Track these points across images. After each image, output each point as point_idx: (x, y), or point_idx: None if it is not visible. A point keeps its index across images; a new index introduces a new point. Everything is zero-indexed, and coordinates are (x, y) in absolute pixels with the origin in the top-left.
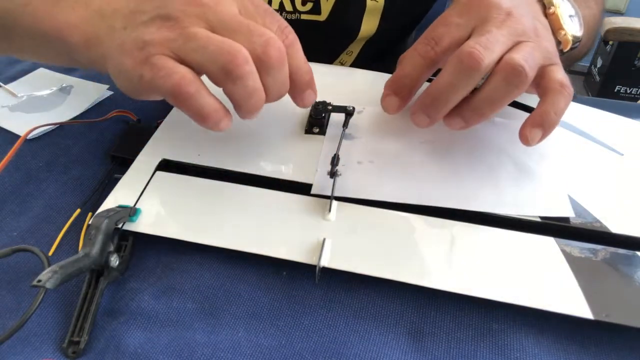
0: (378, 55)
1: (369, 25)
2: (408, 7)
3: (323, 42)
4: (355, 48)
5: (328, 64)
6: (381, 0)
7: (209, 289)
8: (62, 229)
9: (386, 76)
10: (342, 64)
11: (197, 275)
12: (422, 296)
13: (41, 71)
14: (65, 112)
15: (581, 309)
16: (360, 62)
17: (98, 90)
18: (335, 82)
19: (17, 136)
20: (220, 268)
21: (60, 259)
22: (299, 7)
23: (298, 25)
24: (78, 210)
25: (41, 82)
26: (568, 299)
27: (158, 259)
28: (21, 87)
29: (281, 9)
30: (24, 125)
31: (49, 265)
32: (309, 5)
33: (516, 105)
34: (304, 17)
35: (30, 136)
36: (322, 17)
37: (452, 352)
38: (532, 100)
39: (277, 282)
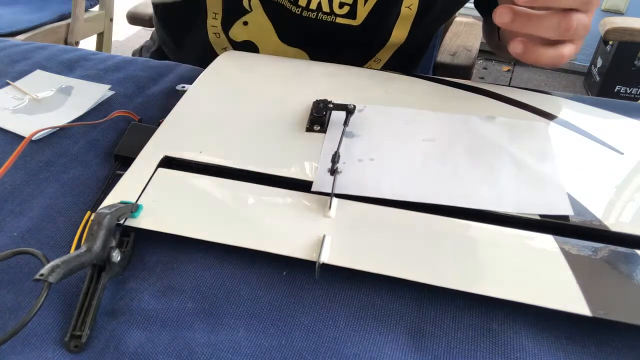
0: (404, 64)
1: (400, 32)
2: (439, 15)
3: (354, 46)
4: (384, 56)
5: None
6: (414, 7)
7: (209, 289)
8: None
9: (387, 75)
10: None
11: (197, 275)
12: (423, 296)
13: (39, 72)
14: (67, 112)
15: (579, 306)
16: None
17: (100, 91)
18: (337, 80)
19: (18, 137)
20: (220, 268)
21: None
22: (335, 9)
23: (332, 28)
24: (89, 213)
25: (40, 83)
26: (566, 296)
27: (158, 258)
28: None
29: (318, 9)
30: (25, 126)
31: None
32: (346, 9)
33: (518, 104)
34: (339, 20)
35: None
36: (357, 21)
37: (452, 352)
38: (533, 100)
39: (277, 281)
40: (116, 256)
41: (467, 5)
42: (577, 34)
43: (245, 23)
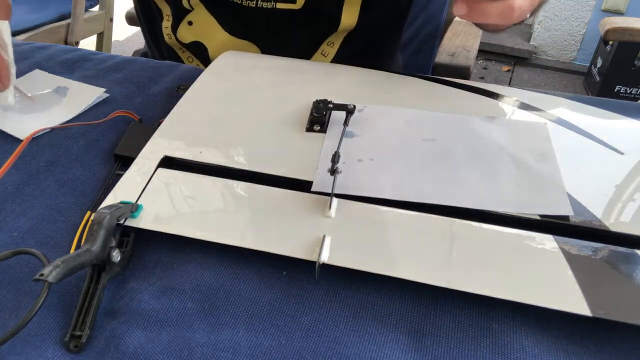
0: (362, 51)
1: (350, 16)
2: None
3: (301, 31)
4: (336, 39)
5: (309, 53)
6: None
7: (209, 288)
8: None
9: (387, 75)
10: (323, 55)
11: (197, 275)
12: (423, 296)
13: (37, 72)
14: (62, 113)
15: (579, 306)
16: (343, 56)
17: (94, 93)
18: (337, 80)
19: (13, 137)
20: (220, 268)
21: None
22: None
23: (275, 14)
24: (89, 213)
25: (37, 83)
26: (566, 296)
27: (158, 258)
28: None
29: None
30: (20, 126)
31: None
32: None
33: (518, 104)
34: (279, 5)
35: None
36: (298, 5)
37: (452, 352)
38: (533, 100)
39: (277, 281)
40: (116, 256)
41: None
42: None
43: (190, 23)
